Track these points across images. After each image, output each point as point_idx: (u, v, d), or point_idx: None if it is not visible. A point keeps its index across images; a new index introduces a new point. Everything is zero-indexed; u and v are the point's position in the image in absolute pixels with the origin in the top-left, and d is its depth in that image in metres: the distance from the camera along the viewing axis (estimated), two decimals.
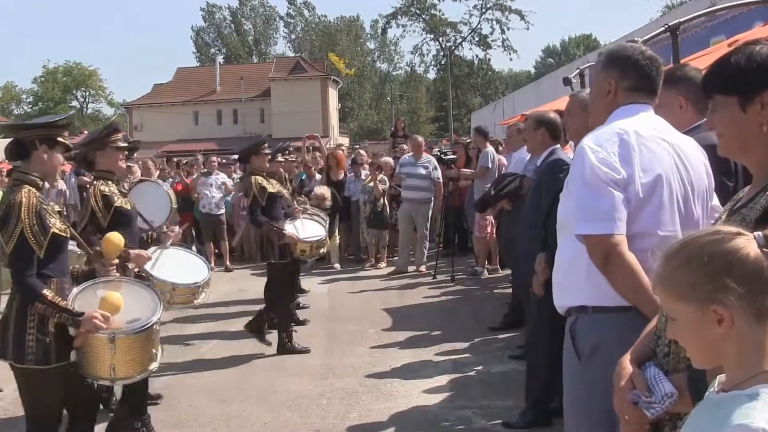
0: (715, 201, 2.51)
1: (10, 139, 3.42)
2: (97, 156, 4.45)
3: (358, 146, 17.84)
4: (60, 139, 3.37)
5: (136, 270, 4.40)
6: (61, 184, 11.03)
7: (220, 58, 53.54)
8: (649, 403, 1.69)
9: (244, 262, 12.10)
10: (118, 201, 4.41)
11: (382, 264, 11.13)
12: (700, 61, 5.52)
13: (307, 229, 6.89)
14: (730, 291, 1.30)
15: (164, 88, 49.10)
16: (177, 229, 4.94)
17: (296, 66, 47.16)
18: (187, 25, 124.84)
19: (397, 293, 9.23)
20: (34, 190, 3.24)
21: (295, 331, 6.79)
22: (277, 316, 6.67)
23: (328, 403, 5.25)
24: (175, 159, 15.65)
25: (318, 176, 11.68)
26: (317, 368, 6.11)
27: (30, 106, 69.03)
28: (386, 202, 11.01)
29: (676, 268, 1.37)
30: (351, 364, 6.18)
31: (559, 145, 4.74)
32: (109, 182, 4.47)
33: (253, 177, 6.57)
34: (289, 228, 6.67)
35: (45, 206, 3.26)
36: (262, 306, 6.81)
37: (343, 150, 13.82)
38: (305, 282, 9.40)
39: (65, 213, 3.83)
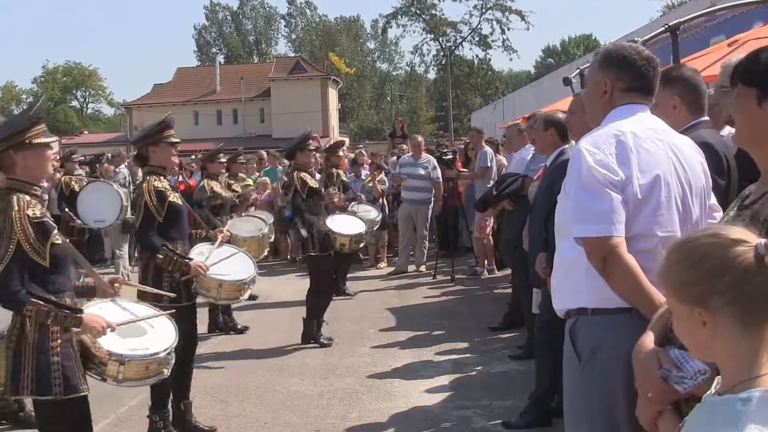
0: (713, 200, 2.51)
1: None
2: (150, 151, 4.51)
3: (360, 147, 17.76)
4: None
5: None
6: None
7: (220, 58, 53.46)
8: (681, 378, 1.68)
9: None
10: (171, 196, 4.48)
11: (382, 264, 11.13)
12: (700, 61, 5.53)
13: (347, 223, 7.16)
14: (715, 296, 1.28)
15: (164, 88, 49.03)
16: (225, 229, 5.01)
17: (296, 66, 47.08)
18: (187, 25, 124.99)
19: (397, 293, 9.23)
20: None
21: (326, 322, 6.94)
22: (309, 306, 6.81)
23: (328, 403, 5.26)
24: (179, 159, 15.65)
25: (318, 176, 11.64)
26: (317, 368, 6.12)
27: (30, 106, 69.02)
28: (386, 202, 11.00)
29: (672, 265, 1.36)
30: (351, 364, 6.18)
31: (568, 146, 4.76)
32: (162, 177, 4.53)
33: (296, 173, 6.83)
34: (329, 222, 6.91)
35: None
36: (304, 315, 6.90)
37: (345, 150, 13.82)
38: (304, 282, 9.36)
39: None
